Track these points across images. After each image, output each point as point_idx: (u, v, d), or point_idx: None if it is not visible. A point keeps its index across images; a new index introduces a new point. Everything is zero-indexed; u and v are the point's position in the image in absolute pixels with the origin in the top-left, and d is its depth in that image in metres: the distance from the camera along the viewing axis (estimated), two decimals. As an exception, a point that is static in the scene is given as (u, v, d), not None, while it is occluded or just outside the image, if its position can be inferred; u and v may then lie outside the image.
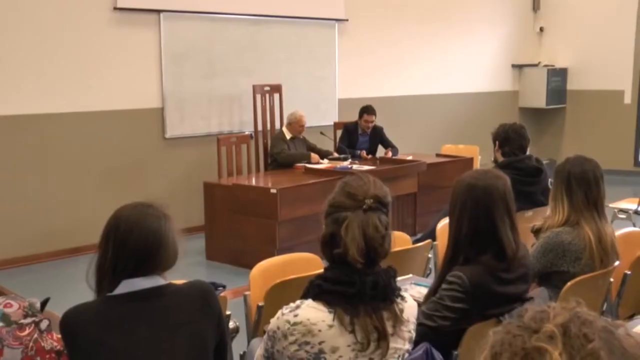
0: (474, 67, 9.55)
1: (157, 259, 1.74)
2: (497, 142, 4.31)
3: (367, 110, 7.07)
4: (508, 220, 2.21)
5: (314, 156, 6.46)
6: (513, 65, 10.08)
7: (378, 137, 7.18)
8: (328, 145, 7.19)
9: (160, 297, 1.72)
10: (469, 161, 7.05)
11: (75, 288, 3.66)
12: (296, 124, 6.57)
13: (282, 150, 6.44)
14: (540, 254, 2.79)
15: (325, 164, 6.52)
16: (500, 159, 4.29)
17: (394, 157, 6.94)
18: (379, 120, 7.37)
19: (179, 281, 1.87)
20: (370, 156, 7.01)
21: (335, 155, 6.75)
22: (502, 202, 2.20)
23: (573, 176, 2.80)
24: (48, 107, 5.86)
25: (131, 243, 1.71)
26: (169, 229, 1.77)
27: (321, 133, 6.97)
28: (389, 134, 7.39)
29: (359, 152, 7.00)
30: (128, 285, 1.70)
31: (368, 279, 1.74)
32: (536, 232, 2.95)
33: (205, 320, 1.75)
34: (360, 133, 7.11)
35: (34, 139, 5.81)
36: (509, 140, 4.27)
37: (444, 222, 3.42)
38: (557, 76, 10.05)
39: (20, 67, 5.68)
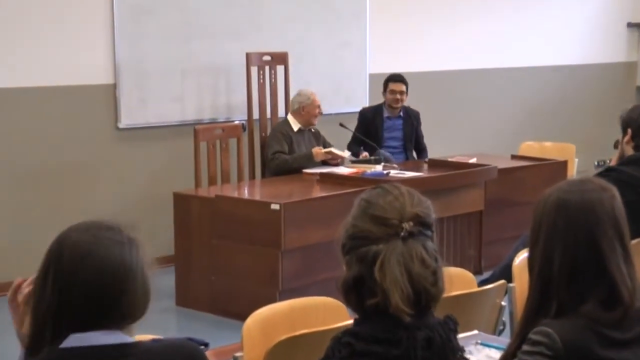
0: (568, 28, 9.53)
1: (120, 305, 1.74)
2: (629, 130, 4.27)
3: (391, 77, 7.11)
4: (620, 249, 2.20)
5: (317, 152, 6.45)
6: (629, 25, 10.02)
7: (414, 122, 7.19)
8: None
9: (124, 359, 1.73)
10: (561, 166, 7.03)
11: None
12: (311, 108, 6.57)
13: (275, 154, 6.44)
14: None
15: (344, 155, 6.52)
16: (630, 152, 4.25)
17: (424, 160, 6.95)
18: (425, 104, 7.35)
19: (146, 337, 1.88)
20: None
21: (364, 154, 6.75)
22: (610, 222, 2.20)
23: None
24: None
25: (81, 281, 1.71)
26: (137, 261, 1.78)
27: (341, 125, 6.98)
28: (439, 125, 7.37)
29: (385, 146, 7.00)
30: (79, 340, 1.72)
31: (419, 335, 1.75)
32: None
33: None
34: (387, 116, 7.13)
35: None
36: None
37: (524, 254, 3.41)
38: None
39: None
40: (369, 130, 7.08)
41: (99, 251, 1.74)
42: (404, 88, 7.05)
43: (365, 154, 6.76)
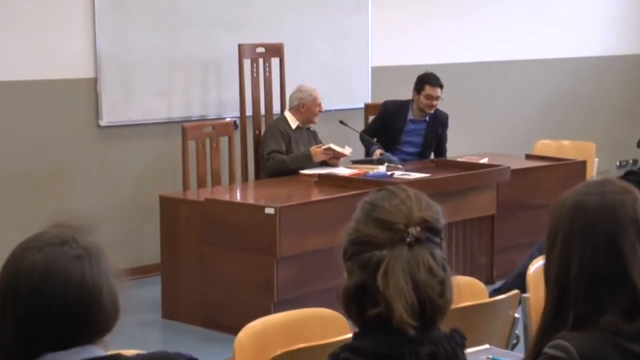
0: (587, 17, 9.53)
1: (89, 322, 1.74)
2: None
3: (429, 79, 6.86)
4: None
5: (316, 151, 6.42)
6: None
7: (438, 129, 7.15)
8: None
9: None
10: (580, 166, 7.03)
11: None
12: (312, 105, 6.56)
13: (272, 154, 6.42)
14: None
15: (345, 152, 6.51)
16: None
17: (439, 160, 6.96)
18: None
19: (130, 352, 1.88)
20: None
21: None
22: (632, 225, 2.20)
23: None
24: None
25: (42, 307, 1.71)
26: (100, 272, 1.77)
27: (341, 122, 6.96)
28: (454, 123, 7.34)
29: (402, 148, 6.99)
30: (51, 358, 1.72)
31: (422, 350, 1.76)
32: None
33: None
34: (411, 119, 7.09)
35: None
36: None
37: (540, 262, 3.41)
38: None
39: None
40: (387, 128, 7.03)
41: (56, 273, 1.72)
42: (440, 93, 6.87)
43: (379, 150, 6.72)
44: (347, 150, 6.56)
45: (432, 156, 7.18)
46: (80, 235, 1.79)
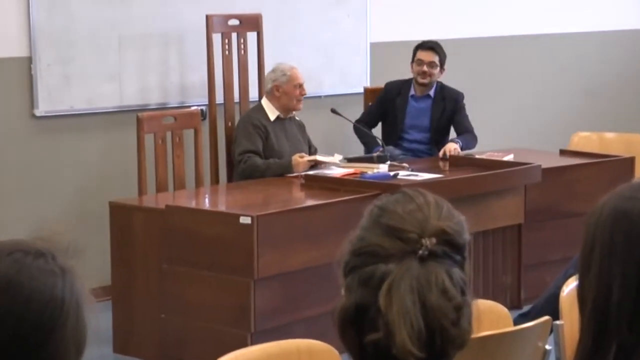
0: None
1: (46, 351, 1.76)
2: None
3: (421, 44, 7.15)
4: None
5: (299, 161, 6.42)
6: None
7: (448, 109, 7.21)
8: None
9: None
10: (626, 164, 7.05)
11: None
12: (288, 87, 6.57)
13: (244, 155, 6.43)
14: None
15: (336, 161, 6.54)
16: None
17: (464, 156, 6.99)
18: (445, 81, 7.35)
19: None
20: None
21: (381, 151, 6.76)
22: None
23: None
24: None
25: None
26: (72, 295, 1.79)
27: (333, 111, 6.97)
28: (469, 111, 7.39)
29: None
30: None
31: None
32: None
33: None
34: (412, 94, 7.19)
35: None
36: None
37: (575, 282, 3.44)
38: None
39: None
40: (388, 112, 7.16)
41: (21, 285, 1.73)
42: (434, 58, 7.07)
43: (379, 149, 6.76)
44: (336, 159, 6.56)
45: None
46: (61, 254, 1.81)
